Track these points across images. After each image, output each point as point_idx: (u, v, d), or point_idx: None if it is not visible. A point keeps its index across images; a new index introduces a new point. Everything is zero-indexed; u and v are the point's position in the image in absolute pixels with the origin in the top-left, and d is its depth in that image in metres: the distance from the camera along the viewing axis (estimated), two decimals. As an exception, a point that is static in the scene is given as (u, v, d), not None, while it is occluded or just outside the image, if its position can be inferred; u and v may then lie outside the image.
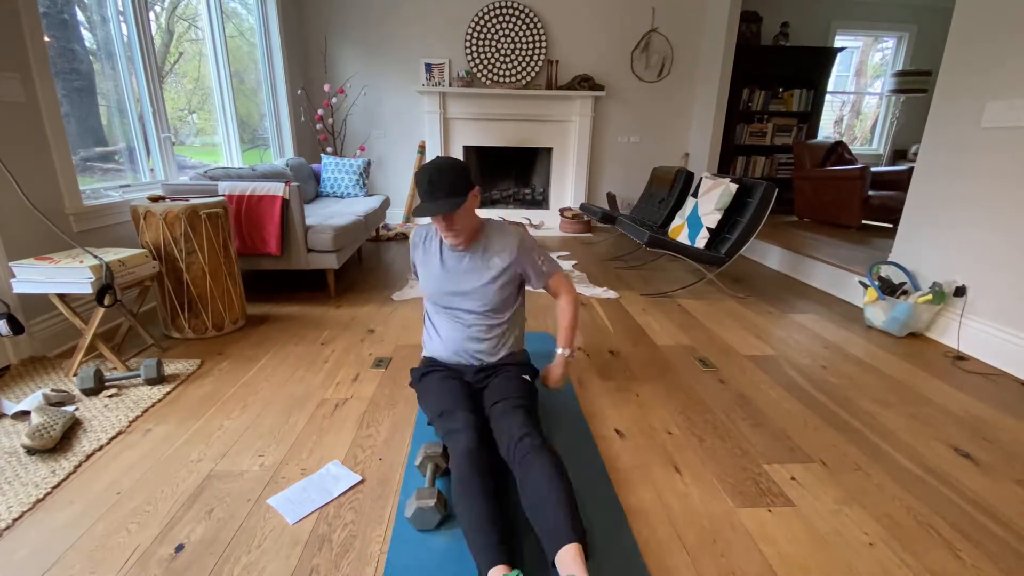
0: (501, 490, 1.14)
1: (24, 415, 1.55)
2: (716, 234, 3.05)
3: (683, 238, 3.19)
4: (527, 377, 1.42)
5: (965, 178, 2.25)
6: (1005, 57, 2.07)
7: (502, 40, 4.67)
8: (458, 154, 4.98)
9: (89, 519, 1.16)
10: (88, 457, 1.38)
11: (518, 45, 4.69)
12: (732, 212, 3.03)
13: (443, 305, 1.48)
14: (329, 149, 4.73)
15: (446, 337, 1.48)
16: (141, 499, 1.23)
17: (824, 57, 5.08)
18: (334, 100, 4.73)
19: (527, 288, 1.53)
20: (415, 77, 4.78)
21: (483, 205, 5.34)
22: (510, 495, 1.20)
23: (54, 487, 1.26)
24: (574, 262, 3.72)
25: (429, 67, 4.72)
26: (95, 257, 1.82)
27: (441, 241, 1.46)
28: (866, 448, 1.49)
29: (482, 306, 1.43)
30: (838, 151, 4.57)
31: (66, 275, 1.74)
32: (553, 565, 0.95)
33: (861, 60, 5.86)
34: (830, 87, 5.34)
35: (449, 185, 1.27)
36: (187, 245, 2.07)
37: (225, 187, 2.45)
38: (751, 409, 1.70)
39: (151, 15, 2.77)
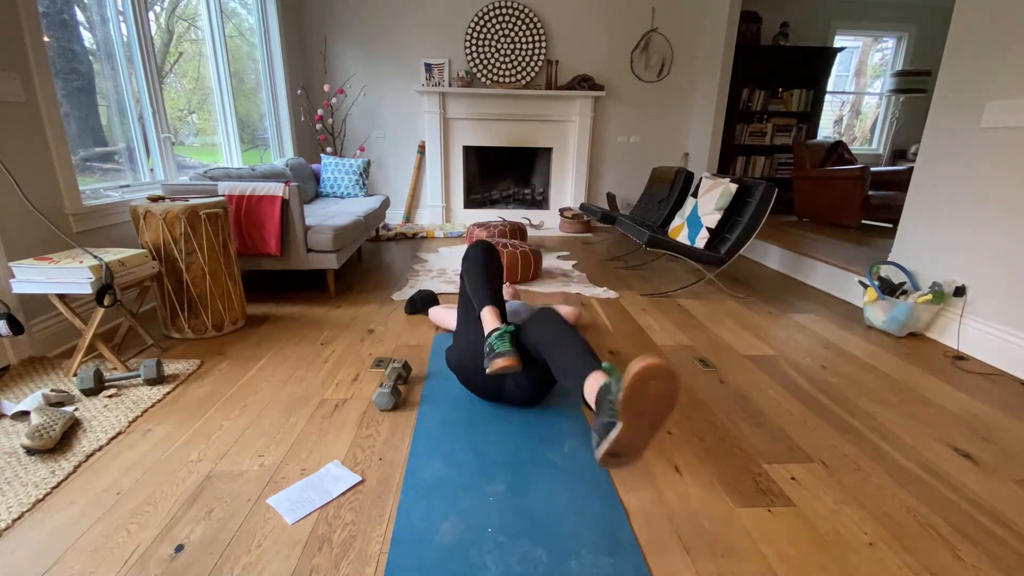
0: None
1: (24, 415, 1.55)
2: (716, 234, 3.05)
3: (683, 238, 3.19)
4: None
5: (965, 178, 2.25)
6: (1005, 57, 2.07)
7: (502, 40, 4.67)
8: (458, 154, 4.98)
9: (89, 519, 1.16)
10: (88, 457, 1.38)
11: (518, 45, 4.69)
12: (732, 212, 3.03)
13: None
14: (329, 149, 4.73)
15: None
16: (141, 499, 1.23)
17: (824, 57, 5.08)
18: (334, 100, 4.73)
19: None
20: (415, 77, 4.78)
21: (483, 205, 5.35)
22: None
23: (54, 487, 1.26)
24: (574, 262, 3.72)
25: (429, 67, 4.72)
26: (95, 257, 1.81)
27: None
28: (866, 448, 1.49)
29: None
30: (838, 151, 4.58)
31: (66, 275, 1.73)
32: (583, 400, 1.14)
33: (861, 60, 5.87)
34: (830, 87, 5.34)
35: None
36: (187, 245, 2.07)
37: (225, 187, 2.45)
38: (751, 409, 1.70)
39: (151, 15, 2.77)
